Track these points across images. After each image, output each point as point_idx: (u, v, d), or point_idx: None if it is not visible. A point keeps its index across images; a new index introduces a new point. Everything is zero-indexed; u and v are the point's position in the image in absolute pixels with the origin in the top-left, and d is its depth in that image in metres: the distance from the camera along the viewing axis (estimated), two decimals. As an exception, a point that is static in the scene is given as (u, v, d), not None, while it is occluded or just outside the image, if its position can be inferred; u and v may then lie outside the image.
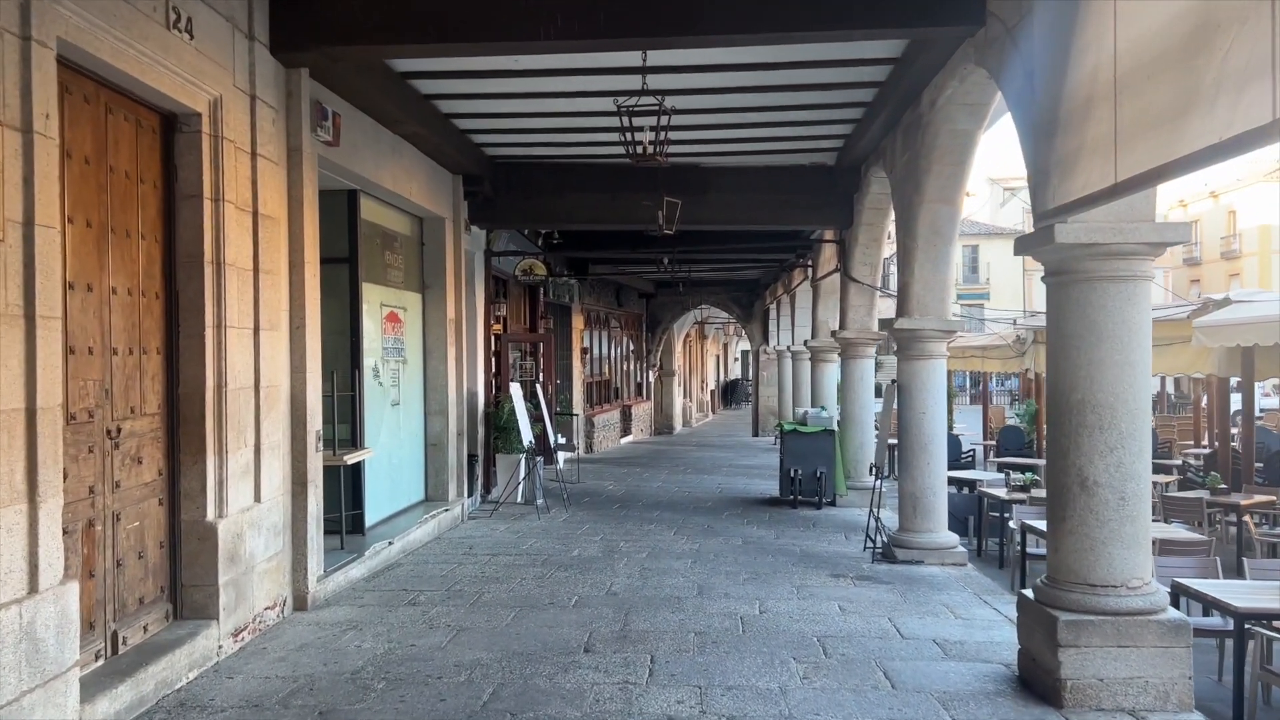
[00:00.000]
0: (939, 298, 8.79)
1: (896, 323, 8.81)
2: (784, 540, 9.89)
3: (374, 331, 9.30)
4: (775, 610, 6.94)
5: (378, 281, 9.44)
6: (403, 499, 10.04)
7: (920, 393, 8.83)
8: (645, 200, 10.48)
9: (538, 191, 11.88)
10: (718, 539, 9.90)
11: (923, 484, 8.81)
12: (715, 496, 13.40)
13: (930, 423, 8.81)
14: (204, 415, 5.69)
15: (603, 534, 10.15)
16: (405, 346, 10.10)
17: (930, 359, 8.85)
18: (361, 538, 8.62)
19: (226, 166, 5.87)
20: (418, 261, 10.61)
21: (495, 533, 10.20)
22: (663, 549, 9.29)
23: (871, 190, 11.38)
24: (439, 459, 10.70)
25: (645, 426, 26.61)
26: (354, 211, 8.81)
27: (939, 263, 8.75)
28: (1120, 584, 4.98)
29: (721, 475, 16.26)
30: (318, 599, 7.05)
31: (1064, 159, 4.87)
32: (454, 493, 10.83)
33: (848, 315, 12.48)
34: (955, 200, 8.56)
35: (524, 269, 12.69)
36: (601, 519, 11.20)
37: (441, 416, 10.69)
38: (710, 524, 10.89)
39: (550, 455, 12.46)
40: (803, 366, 20.25)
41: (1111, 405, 4.99)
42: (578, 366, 20.18)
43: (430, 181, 10.13)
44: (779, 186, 11.96)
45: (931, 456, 8.81)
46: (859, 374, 12.58)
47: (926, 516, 8.81)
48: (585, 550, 9.20)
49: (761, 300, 25.91)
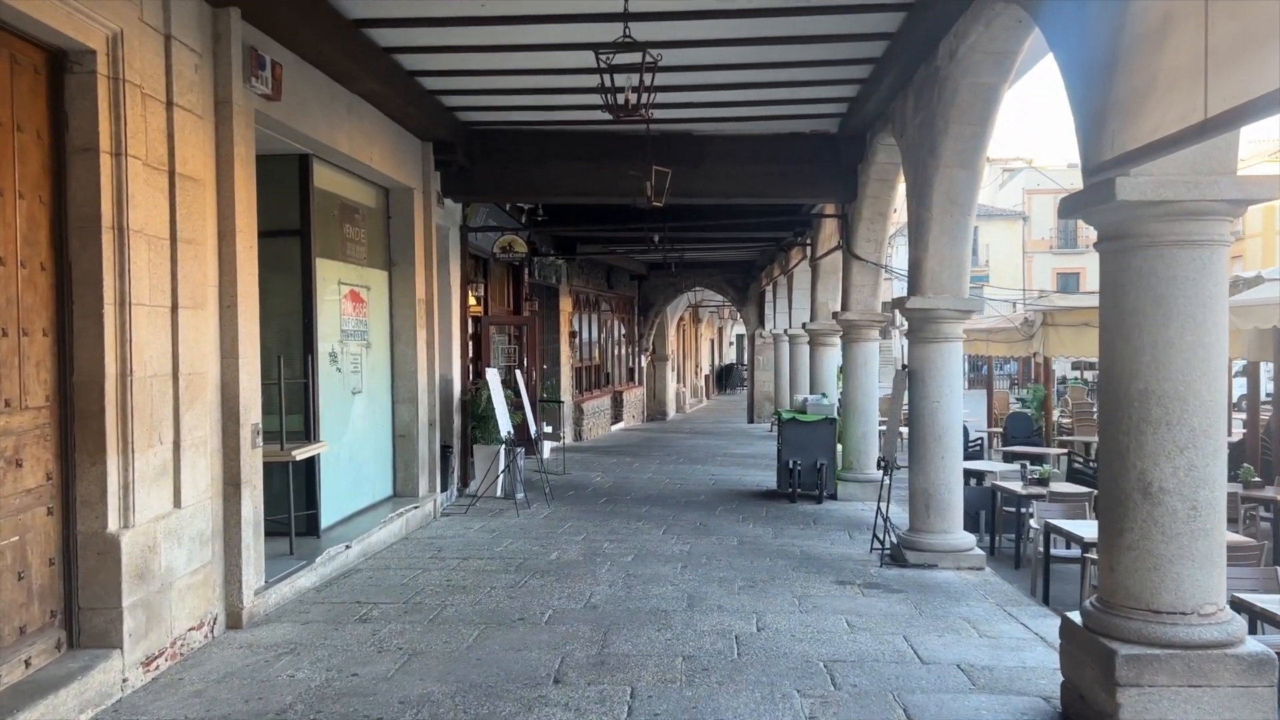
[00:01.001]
0: (955, 274, 7.95)
1: (908, 302, 7.96)
2: (783, 540, 9.07)
3: (331, 312, 8.43)
4: (775, 627, 6.12)
5: (336, 257, 8.56)
6: (366, 496, 9.19)
7: (934, 379, 7.99)
8: (632, 170, 9.59)
9: (516, 161, 10.98)
10: (711, 539, 9.08)
11: (936, 479, 7.98)
12: (709, 489, 12.58)
13: (945, 412, 7.97)
14: (104, 408, 4.82)
15: (586, 533, 9.32)
16: (369, 329, 9.23)
17: (945, 342, 8.01)
18: (316, 541, 7.78)
19: (131, 116, 4.98)
20: (383, 236, 9.73)
21: (469, 532, 9.37)
22: (650, 551, 8.47)
23: (877, 160, 10.51)
24: (408, 451, 9.85)
25: (637, 413, 25.79)
26: (306, 178, 7.93)
27: (956, 235, 7.89)
28: (1191, 611, 4.16)
29: (715, 465, 15.45)
30: (256, 615, 6.21)
31: (1127, 98, 4.00)
32: (425, 488, 9.99)
33: (850, 295, 11.63)
34: (975, 165, 7.70)
35: (503, 246, 11.82)
36: (585, 515, 10.37)
37: (410, 405, 9.83)
38: (703, 521, 10.06)
39: (532, 445, 11.62)
40: (800, 351, 19.45)
41: (1181, 396, 4.15)
42: (565, 351, 19.33)
43: (396, 148, 9.23)
44: (777, 156, 11.08)
45: (946, 449, 7.98)
46: (862, 358, 11.74)
47: (940, 515, 7.99)
48: (565, 553, 8.37)
49: (757, 282, 25.05)
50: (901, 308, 8.12)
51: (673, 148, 10.44)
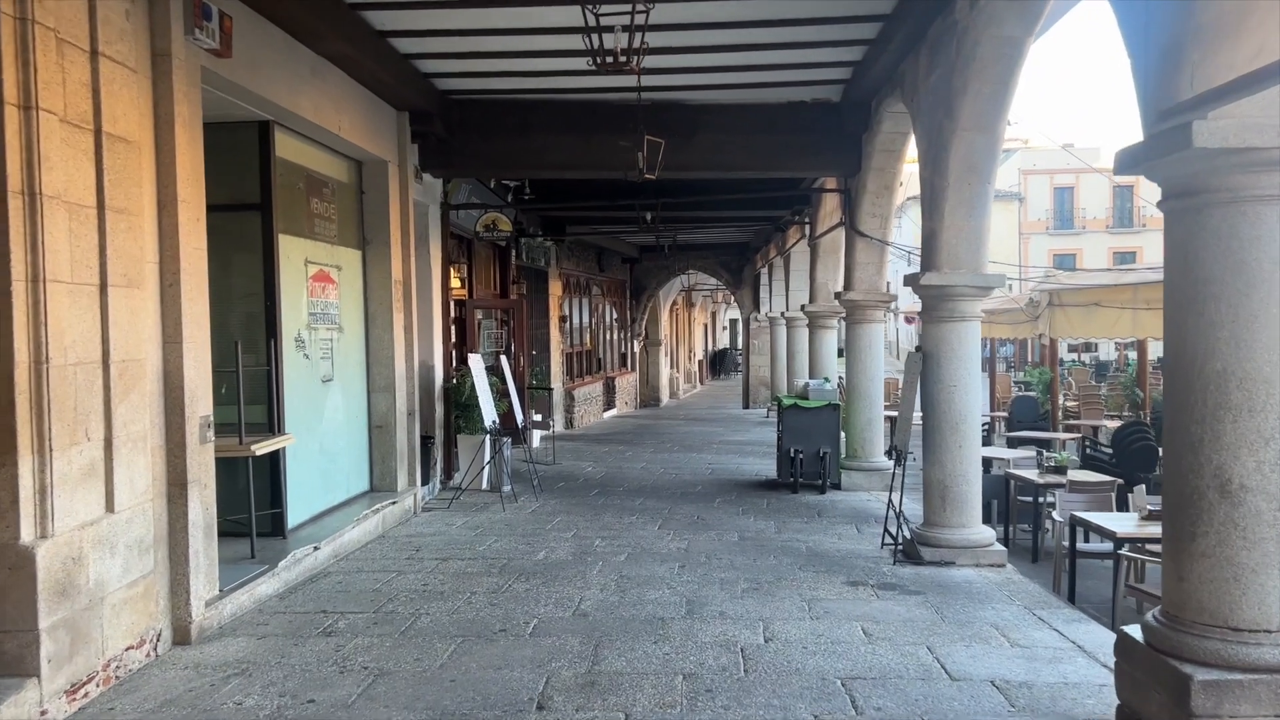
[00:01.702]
0: (973, 248, 7.33)
1: (923, 278, 7.34)
2: (787, 535, 8.48)
3: (298, 294, 7.78)
4: (784, 637, 5.52)
5: (302, 234, 7.89)
6: (339, 491, 8.56)
7: (950, 362, 7.39)
8: (623, 141, 8.94)
9: (499, 132, 10.31)
10: (709, 534, 8.48)
11: (953, 470, 7.39)
12: (706, 479, 11.98)
13: (962, 397, 7.37)
14: (13, 401, 4.18)
15: (576, 529, 8.71)
16: (340, 312, 8.58)
17: (962, 321, 7.40)
18: (281, 543, 7.15)
19: (44, 63, 4.32)
20: (355, 212, 9.06)
21: (450, 529, 8.75)
22: (645, 548, 7.86)
23: (883, 129, 9.87)
24: (385, 443, 9.21)
25: (630, 399, 25.18)
26: (267, 147, 7.25)
27: (974, 205, 7.27)
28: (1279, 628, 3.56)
29: (712, 453, 14.85)
30: (208, 629, 5.58)
31: (1213, 23, 3.38)
32: (404, 482, 9.36)
33: (854, 274, 11.01)
34: (995, 129, 7.07)
35: (486, 224, 11.15)
36: (576, 509, 9.76)
37: (387, 394, 9.19)
38: (700, 514, 9.46)
39: (519, 435, 11.00)
40: (798, 334, 18.85)
41: (1267, 378, 3.54)
42: (555, 336, 18.68)
43: (368, 117, 8.56)
44: (776, 127, 10.42)
45: (963, 438, 7.38)
46: (866, 340, 11.14)
47: (958, 509, 7.40)
48: (554, 552, 7.76)
49: (752, 265, 24.43)
50: (915, 284, 7.50)
51: (665, 119, 9.76)
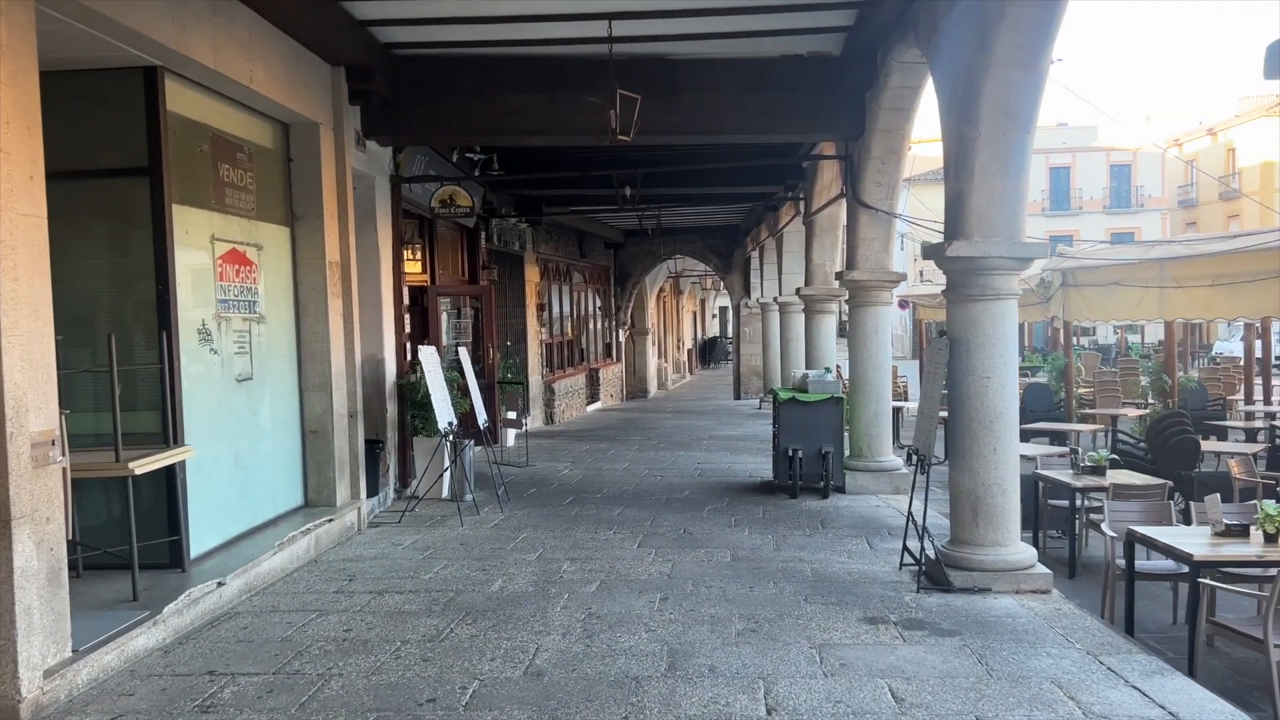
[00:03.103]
0: (1009, 212, 6.11)
1: (949, 248, 6.12)
2: (787, 552, 7.27)
3: (202, 277, 6.51)
4: (791, 705, 4.30)
5: (206, 206, 6.62)
6: (263, 509, 7.30)
7: (982, 348, 6.17)
8: (592, 98, 7.71)
9: (453, 93, 9.03)
10: (697, 552, 7.26)
11: (986, 477, 6.18)
12: (694, 481, 10.77)
13: (997, 391, 6.16)
14: None
15: (542, 548, 7.49)
16: (262, 299, 7.31)
17: (996, 299, 6.18)
18: (179, 577, 5.91)
19: None
20: (282, 183, 7.79)
21: (396, 550, 7.52)
22: (621, 574, 6.65)
23: (891, 84, 8.64)
24: (321, 450, 7.95)
25: (615, 391, 23.95)
26: (155, 99, 5.97)
27: (1010, 160, 6.05)
28: None
29: (701, 450, 13.64)
30: (51, 704, 4.34)
31: None
32: (345, 494, 8.11)
33: (857, 251, 9.79)
34: (1038, 64, 5.85)
35: (443, 199, 9.87)
36: (545, 522, 8.53)
37: (323, 393, 7.93)
38: (687, 527, 8.25)
39: (483, 436, 9.76)
40: (793, 321, 17.62)
41: None
42: (533, 325, 17.42)
43: (291, 70, 7.28)
44: (768, 84, 9.17)
45: (998, 439, 6.18)
46: (872, 325, 9.92)
47: (992, 523, 6.20)
48: (512, 580, 6.53)
49: (742, 248, 23.20)
50: (938, 256, 6.28)
51: (642, 75, 8.46)
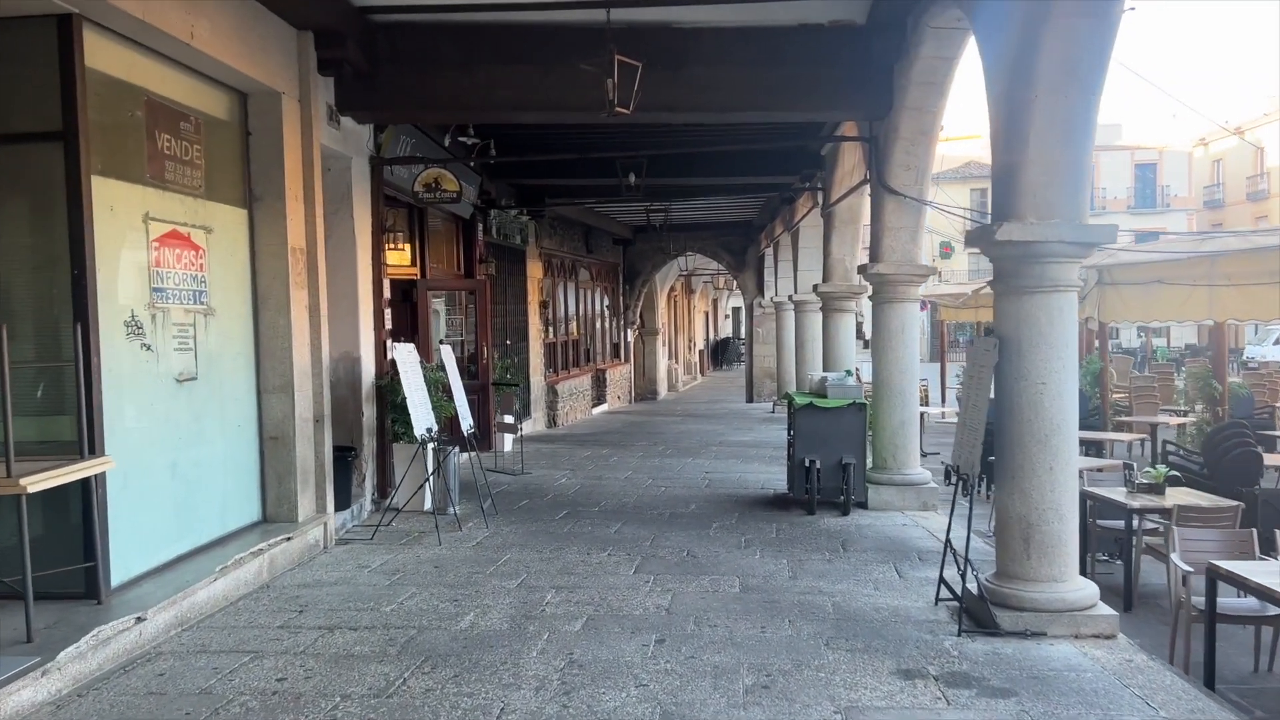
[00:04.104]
0: (1071, 188, 5.20)
1: (999, 231, 5.20)
2: (804, 581, 6.36)
3: (132, 261, 5.66)
4: (813, 796, 3.41)
5: (139, 180, 5.76)
6: (209, 527, 6.44)
7: (1037, 349, 5.26)
8: (586, 65, 6.83)
9: (437, 65, 8.16)
10: (702, 580, 6.37)
11: (1041, 501, 5.27)
12: (701, 494, 9.86)
13: (1054, 399, 5.25)
14: None
15: (526, 573, 6.60)
16: (209, 288, 6.46)
17: (1054, 291, 5.27)
18: (94, 610, 5.06)
19: None
20: (238, 159, 6.93)
21: (361, 573, 6.65)
22: (612, 608, 5.75)
23: (923, 54, 7.73)
24: (282, 459, 7.09)
25: (623, 393, 23.06)
26: (70, 54, 5.11)
27: (1072, 127, 5.13)
28: None
29: (710, 458, 12.73)
30: (-112, 784, 3.50)
31: None
32: (309, 508, 7.26)
33: (882, 242, 8.86)
34: (1110, 11, 4.93)
35: (427, 183, 8.99)
36: (533, 540, 7.65)
37: (284, 395, 7.07)
38: (691, 548, 7.35)
39: (468, 443, 8.89)
40: (809, 320, 16.72)
41: None
42: (535, 323, 16.54)
43: (244, 29, 6.43)
44: (784, 57, 8.27)
45: (1055, 455, 5.26)
46: (899, 324, 8.98)
47: (1047, 555, 5.28)
48: (486, 614, 5.65)
49: (756, 245, 22.27)
50: (985, 242, 5.37)
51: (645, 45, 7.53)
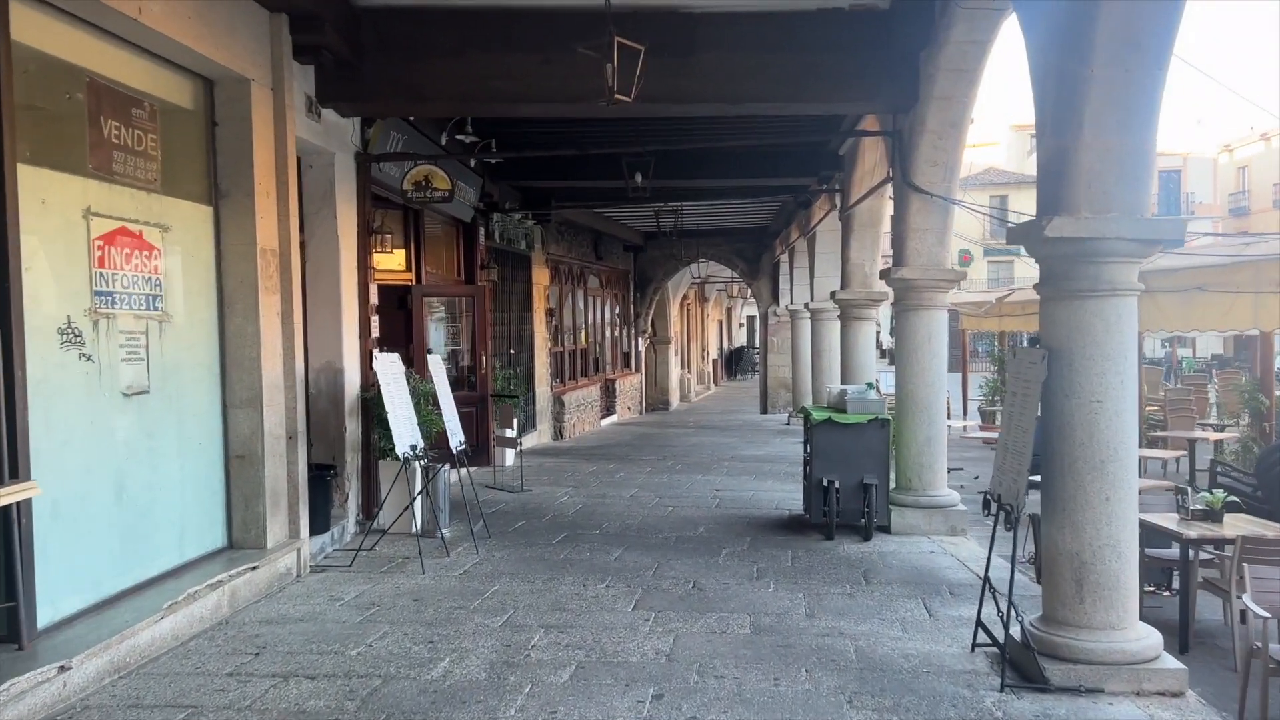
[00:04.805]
0: (1133, 177, 4.53)
1: (1048, 227, 4.52)
2: (823, 621, 5.69)
3: (68, 261, 5.05)
4: None
5: (78, 171, 5.16)
6: (163, 556, 5.82)
7: (1092, 362, 4.58)
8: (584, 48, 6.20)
9: (427, 53, 7.56)
10: (708, 619, 5.70)
11: (1095, 536, 4.59)
12: (711, 515, 9.19)
13: (1111, 419, 4.57)
14: None
15: (514, 608, 5.95)
16: (165, 292, 5.85)
17: (1112, 295, 4.59)
18: (15, 656, 4.44)
19: None
20: (202, 152, 6.34)
21: (332, 608, 6.01)
22: (606, 654, 5.10)
23: (953, 37, 7.09)
24: (249, 480, 6.47)
25: (634, 403, 22.41)
26: (-6, 25, 4.54)
27: (1135, 106, 4.46)
28: None
29: (721, 474, 12.05)
30: None
31: None
32: (280, 533, 6.64)
33: (907, 245, 8.19)
34: (1179, -29, 4.28)
35: (416, 181, 8.37)
36: (525, 569, 7.00)
37: (251, 410, 6.45)
38: (698, 579, 6.68)
39: (456, 459, 8.25)
40: (826, 329, 16.02)
41: None
42: (541, 332, 15.92)
43: (210, 10, 5.83)
44: (802, 43, 7.64)
45: (1113, 484, 4.58)
46: (925, 333, 8.30)
47: (1104, 598, 4.60)
48: (462, 661, 5.00)
49: (770, 252, 21.61)
50: (1031, 240, 4.70)
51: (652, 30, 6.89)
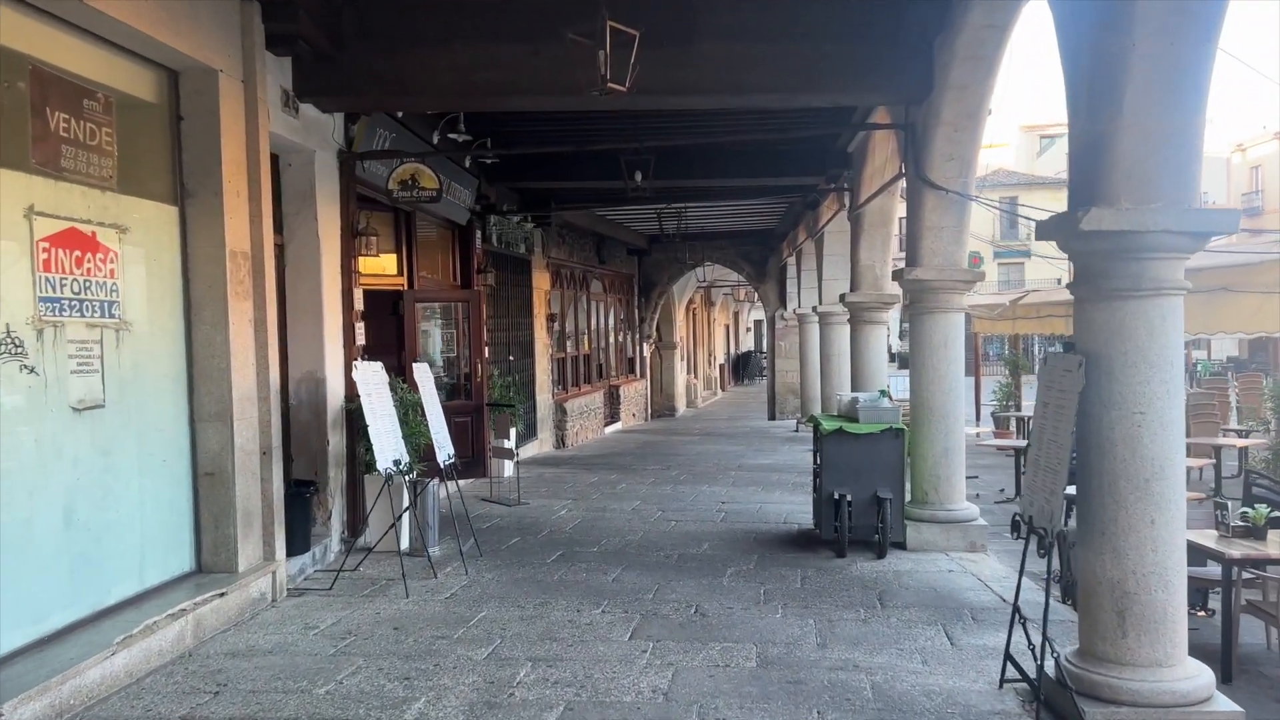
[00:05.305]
0: (1180, 162, 4.06)
1: (1085, 219, 4.05)
2: (836, 651, 5.22)
3: (12, 266, 4.63)
4: None
5: (20, 166, 4.71)
6: (120, 583, 5.37)
7: (1135, 369, 4.11)
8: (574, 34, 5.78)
9: (410, 43, 7.14)
10: (711, 651, 5.24)
11: (1140, 563, 4.12)
12: (716, 529, 8.73)
13: (1156, 433, 4.10)
14: None
15: (501, 638, 5.50)
16: (124, 299, 5.42)
17: (1157, 295, 4.12)
18: (-62, 702, 4.02)
19: None
20: (166, 148, 5.92)
21: (305, 638, 5.57)
22: (598, 692, 4.64)
23: (970, 21, 6.65)
24: (218, 499, 6.03)
25: (639, 410, 21.95)
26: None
27: (1184, 82, 4.00)
28: None
29: (728, 484, 11.59)
30: None
31: None
32: (254, 554, 6.20)
33: (922, 244, 7.73)
34: (1233, -72, 3.82)
35: (402, 180, 7.93)
36: (517, 592, 6.55)
37: (221, 424, 6.01)
38: (701, 603, 6.22)
39: (446, 474, 7.82)
40: (835, 333, 15.53)
41: None
42: (542, 338, 15.49)
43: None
44: (809, 29, 7.20)
45: (1159, 505, 4.11)
46: (941, 337, 7.83)
47: (1149, 632, 4.13)
48: (438, 703, 4.54)
49: (777, 255, 21.16)
50: (1066, 234, 4.24)
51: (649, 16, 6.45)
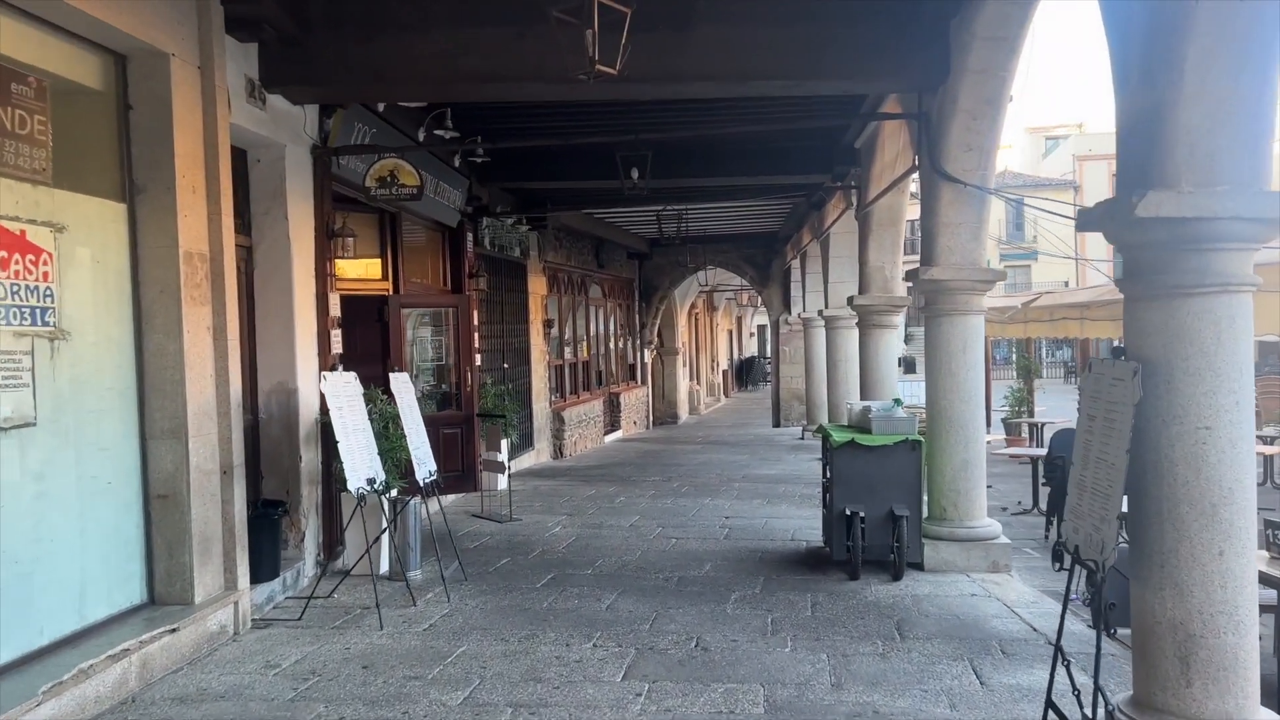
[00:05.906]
0: (1248, 140, 3.52)
1: (1140, 205, 3.49)
2: (852, 693, 4.68)
3: (-78, 268, 4.13)
4: None
5: (-66, 156, 4.25)
6: (57, 621, 4.82)
7: (1199, 379, 3.56)
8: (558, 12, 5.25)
9: (384, 27, 6.62)
10: (713, 695, 4.69)
11: (1206, 601, 3.56)
12: (719, 548, 8.18)
13: (1224, 451, 3.55)
14: None
15: (480, 678, 4.96)
16: (60, 305, 4.90)
17: (1223, 292, 3.57)
18: None
19: None
20: (113, 138, 5.40)
21: (263, 679, 5.03)
22: (586, 742, 4.12)
23: (988, 4, 6.12)
24: (172, 524, 5.50)
25: (640, 417, 21.41)
26: None
27: (1252, 46, 3.46)
28: None
29: (731, 497, 11.03)
30: None
31: None
32: (212, 584, 5.66)
33: (938, 242, 7.20)
34: None
35: (380, 177, 7.39)
36: (501, 622, 6.01)
37: (175, 441, 5.48)
38: (703, 635, 5.67)
39: (426, 491, 7.28)
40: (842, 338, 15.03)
41: None
42: (538, 344, 14.97)
43: (109, -33, 4.92)
44: (812, 13, 6.68)
45: (1227, 534, 3.56)
46: (959, 342, 7.29)
47: (1218, 681, 3.57)
48: (405, 755, 4.03)
49: (781, 258, 20.64)
50: (1118, 223, 3.69)
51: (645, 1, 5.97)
